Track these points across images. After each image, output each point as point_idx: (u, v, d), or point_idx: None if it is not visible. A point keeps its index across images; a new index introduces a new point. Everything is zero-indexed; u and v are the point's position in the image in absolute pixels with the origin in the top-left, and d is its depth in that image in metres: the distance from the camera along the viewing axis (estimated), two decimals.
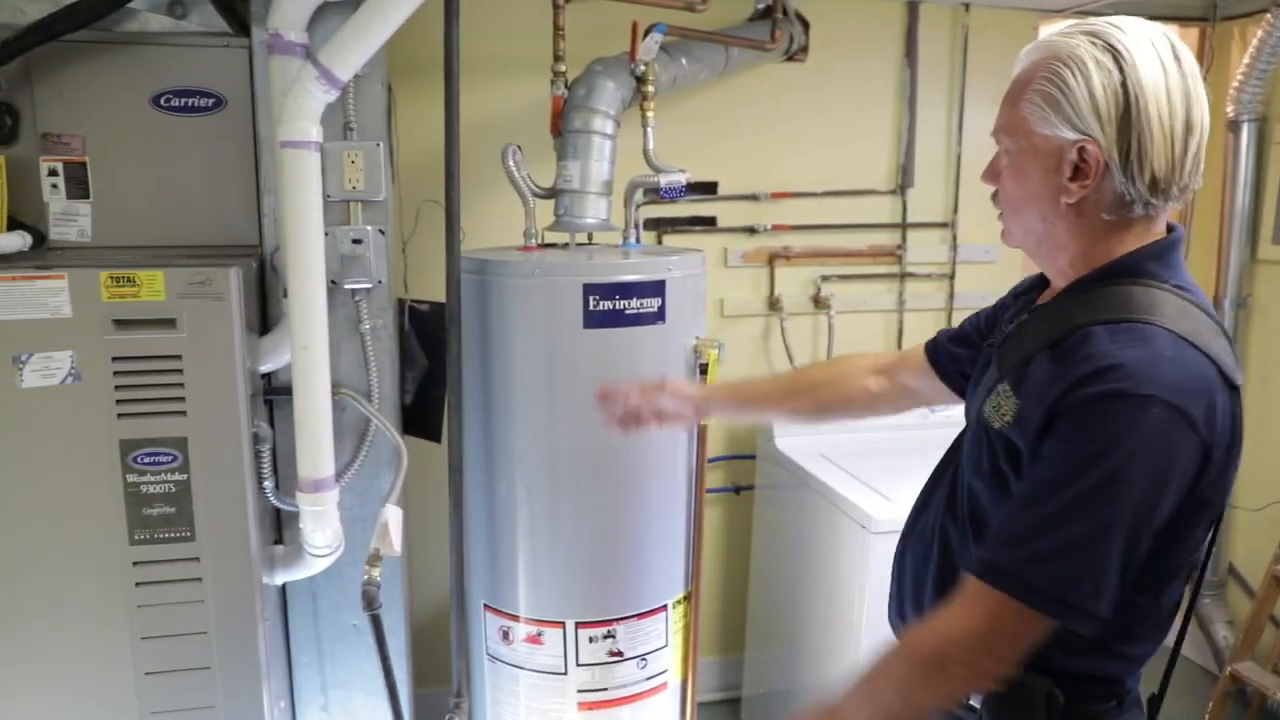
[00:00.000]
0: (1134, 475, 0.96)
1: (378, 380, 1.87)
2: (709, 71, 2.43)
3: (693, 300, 1.98)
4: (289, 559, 1.83)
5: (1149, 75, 1.03)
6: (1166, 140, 1.04)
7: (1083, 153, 1.03)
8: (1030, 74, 1.08)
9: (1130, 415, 0.96)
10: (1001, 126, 1.13)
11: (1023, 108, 1.08)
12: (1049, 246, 1.13)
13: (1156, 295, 1.04)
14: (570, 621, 1.95)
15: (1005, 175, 1.13)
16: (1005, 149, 1.13)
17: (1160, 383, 0.96)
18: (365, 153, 1.76)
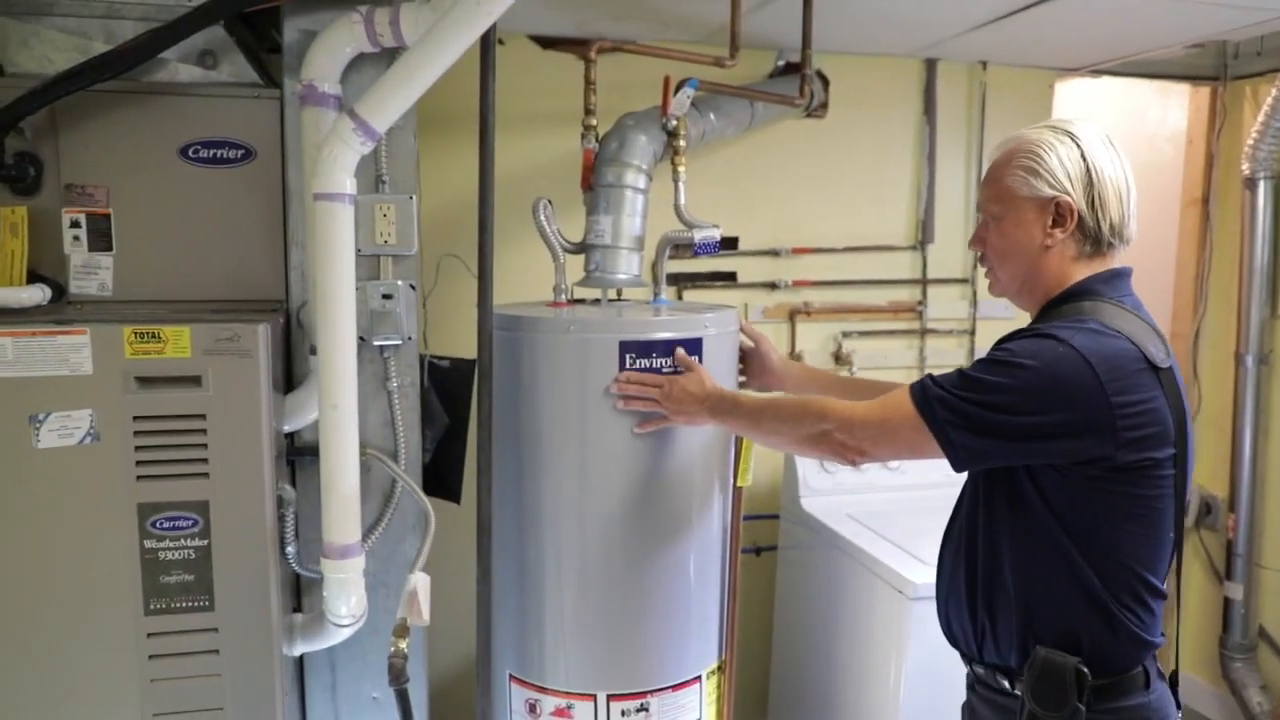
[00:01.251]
0: (1031, 378, 1.27)
1: (404, 440, 1.80)
2: (735, 127, 2.42)
3: (728, 357, 1.93)
4: (309, 629, 1.74)
5: (1099, 151, 1.38)
6: (1117, 195, 1.38)
7: (1058, 206, 1.38)
8: (1008, 157, 1.43)
9: (1040, 344, 1.29)
10: (988, 198, 1.46)
11: (1007, 180, 1.42)
12: (1030, 284, 1.44)
13: (1101, 305, 1.36)
14: (602, 694, 1.86)
15: (994, 236, 1.46)
16: (993, 215, 1.46)
17: (1073, 339, 1.28)
18: (398, 206, 1.72)
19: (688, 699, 1.92)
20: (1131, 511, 1.32)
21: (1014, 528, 1.38)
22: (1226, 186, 3.22)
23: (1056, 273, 1.41)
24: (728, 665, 2.00)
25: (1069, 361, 1.26)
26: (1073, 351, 1.26)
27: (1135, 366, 1.28)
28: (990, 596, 1.42)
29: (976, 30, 2.55)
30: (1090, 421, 1.26)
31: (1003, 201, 1.43)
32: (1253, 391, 3.11)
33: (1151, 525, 1.34)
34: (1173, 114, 3.44)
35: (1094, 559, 1.33)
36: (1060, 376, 1.26)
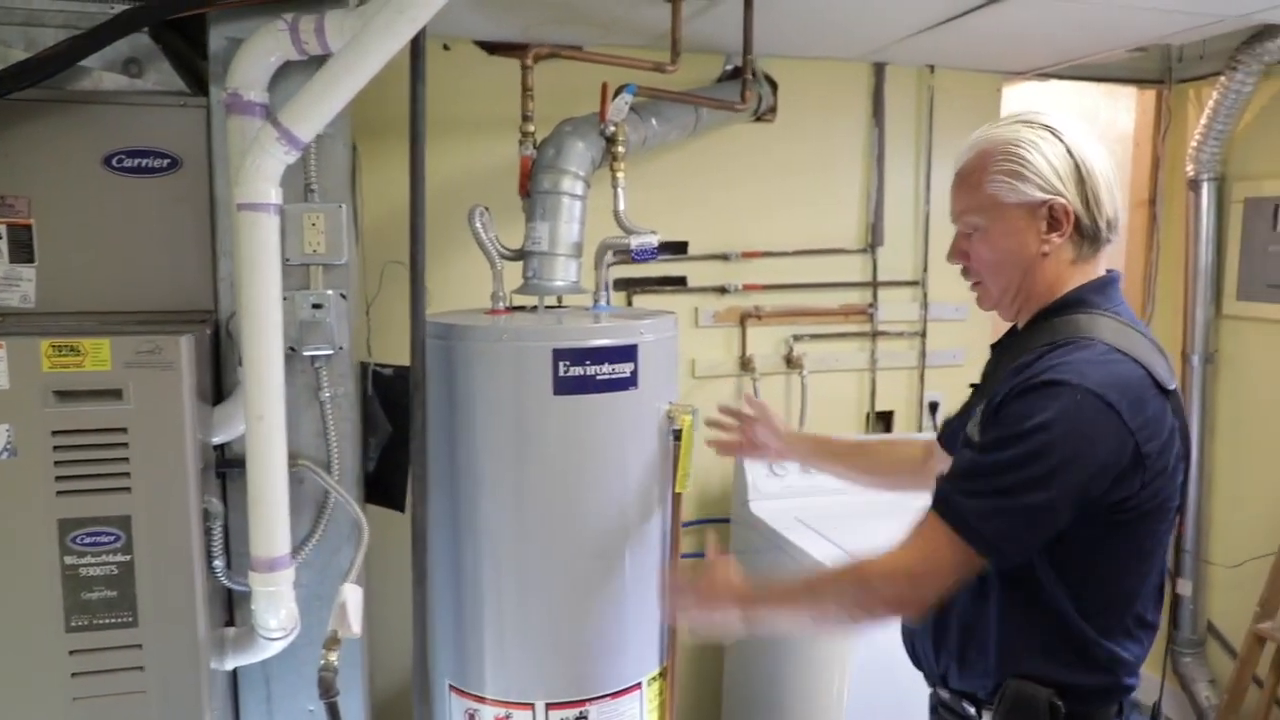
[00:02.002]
0: (1056, 442, 1.15)
1: (338, 451, 1.79)
2: (679, 132, 2.42)
3: (666, 364, 1.93)
4: (241, 643, 1.72)
5: (1083, 142, 1.28)
6: (1109, 188, 1.29)
7: (1052, 209, 1.27)
8: (982, 162, 1.31)
9: (1054, 397, 1.17)
10: (967, 209, 1.34)
11: (988, 188, 1.30)
12: (1024, 295, 1.33)
13: (1098, 320, 1.26)
14: (540, 703, 1.85)
15: (980, 248, 1.34)
16: (974, 226, 1.34)
17: (1086, 377, 1.17)
18: (327, 215, 1.70)
19: (628, 706, 1.92)
20: (1138, 548, 1.26)
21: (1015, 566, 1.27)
22: (1172, 188, 3.27)
23: (1051, 280, 1.30)
24: (669, 671, 2.00)
25: (1089, 408, 1.15)
26: (1089, 396, 1.15)
27: (1150, 394, 1.20)
28: (965, 629, 1.34)
29: (922, 34, 2.56)
30: (1120, 465, 1.17)
31: (986, 211, 1.31)
32: (1199, 391, 3.15)
33: (1151, 557, 1.28)
34: (1121, 117, 3.48)
35: (1086, 596, 1.25)
36: (1083, 432, 1.15)
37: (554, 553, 1.84)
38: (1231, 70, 2.87)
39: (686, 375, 2.87)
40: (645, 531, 1.92)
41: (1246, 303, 3.04)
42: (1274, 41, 2.76)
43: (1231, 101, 2.92)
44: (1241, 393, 3.09)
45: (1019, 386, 1.20)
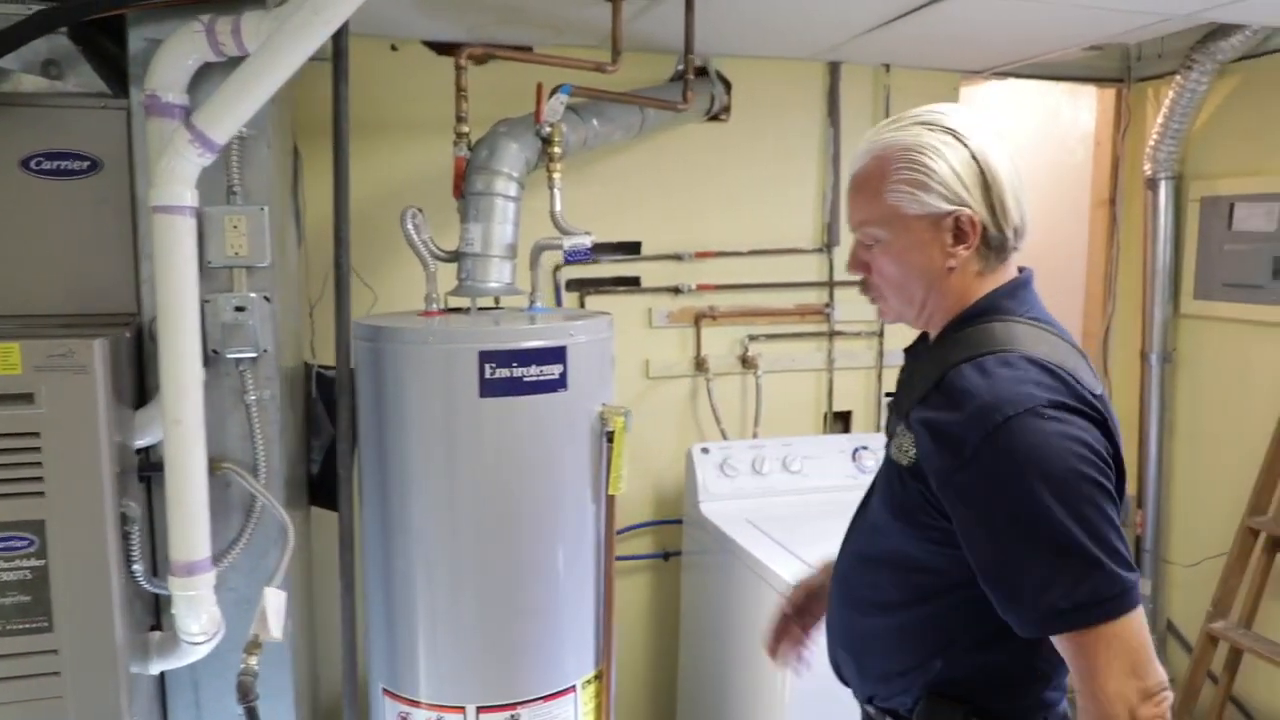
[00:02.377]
0: (1034, 485, 1.06)
1: (264, 454, 1.78)
2: (623, 132, 2.41)
3: (599, 365, 1.92)
4: (165, 647, 1.72)
5: (986, 145, 1.21)
6: (1014, 194, 1.22)
7: (959, 221, 1.19)
8: (881, 168, 1.21)
9: (1031, 430, 1.07)
10: (867, 220, 1.25)
11: (889, 198, 1.21)
12: (930, 309, 1.26)
13: (1014, 328, 1.19)
14: (471, 706, 1.85)
15: (881, 261, 1.26)
16: (875, 238, 1.25)
17: (1034, 397, 1.09)
18: (249, 217, 1.69)
19: (561, 709, 1.91)
20: None
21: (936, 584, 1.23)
22: (1132, 188, 3.26)
23: (959, 292, 1.23)
24: (605, 674, 1.99)
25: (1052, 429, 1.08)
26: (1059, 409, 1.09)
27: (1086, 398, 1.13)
28: (890, 649, 1.30)
29: (874, 32, 2.55)
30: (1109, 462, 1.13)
31: (888, 222, 1.22)
32: (1157, 390, 3.15)
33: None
34: (1083, 115, 3.48)
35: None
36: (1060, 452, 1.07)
37: (485, 555, 1.84)
38: (1187, 69, 2.87)
39: (641, 376, 2.86)
40: (579, 533, 1.92)
41: (1204, 301, 3.04)
42: (1228, 40, 2.76)
43: (1187, 100, 2.92)
44: (1199, 392, 3.09)
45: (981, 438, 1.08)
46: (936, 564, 1.21)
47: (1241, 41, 2.74)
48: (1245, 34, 2.72)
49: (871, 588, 1.31)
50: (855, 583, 1.35)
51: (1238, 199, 2.90)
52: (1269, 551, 2.72)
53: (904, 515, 1.23)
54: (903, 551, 1.25)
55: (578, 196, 2.72)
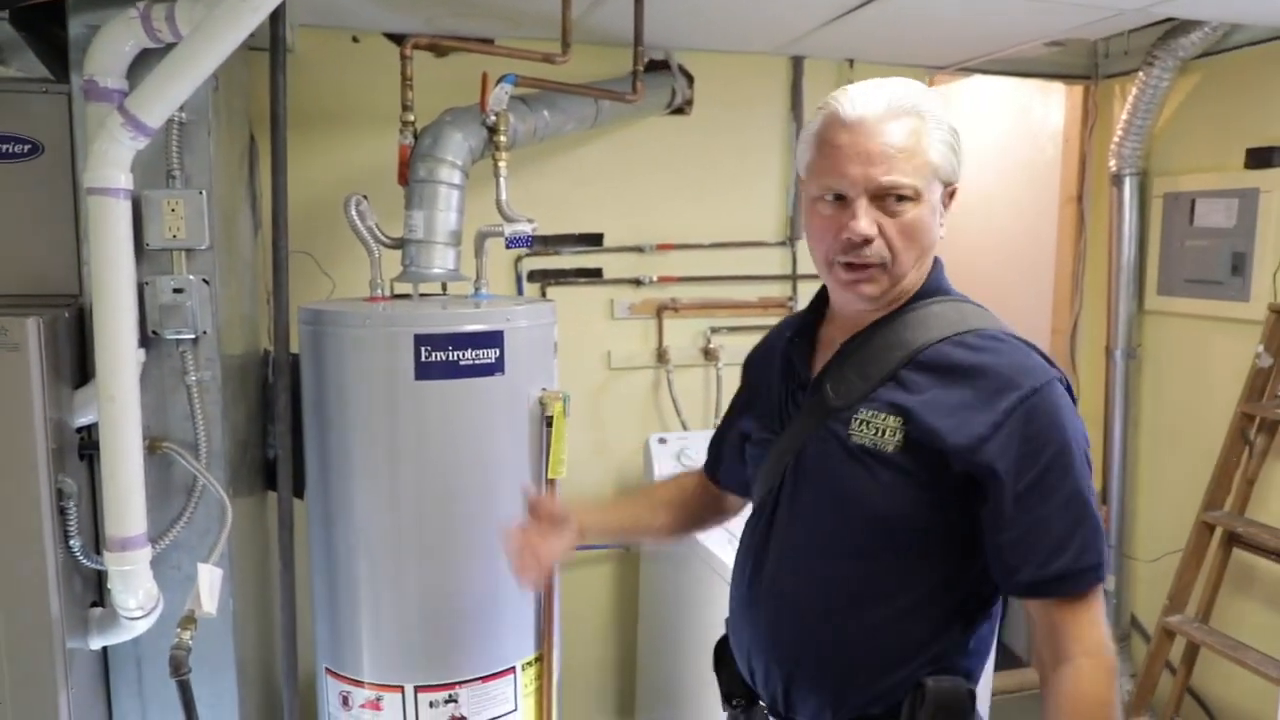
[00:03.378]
0: (1078, 442, 1.14)
1: (205, 434, 1.81)
2: (576, 123, 2.43)
3: (540, 351, 1.95)
4: (105, 623, 1.75)
5: None
6: None
7: (954, 193, 1.23)
8: (923, 126, 1.16)
9: (1049, 402, 1.13)
10: (908, 171, 1.15)
11: (931, 155, 1.16)
12: (907, 278, 1.22)
13: (964, 308, 1.23)
14: (410, 685, 1.87)
15: (906, 220, 1.17)
16: (909, 193, 1.16)
17: (1043, 370, 1.15)
18: (187, 200, 1.72)
19: (500, 690, 1.94)
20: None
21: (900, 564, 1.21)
22: (1098, 184, 3.27)
23: (922, 267, 1.23)
24: (546, 656, 2.02)
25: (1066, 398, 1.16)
26: (1061, 386, 1.16)
27: None
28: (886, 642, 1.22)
29: (832, 25, 2.57)
30: None
31: (924, 177, 1.16)
32: (1122, 386, 3.16)
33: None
34: (1053, 113, 3.49)
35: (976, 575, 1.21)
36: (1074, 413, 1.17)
37: (425, 538, 1.86)
38: (1149, 65, 2.88)
39: (603, 367, 2.89)
40: (517, 516, 1.93)
41: (1167, 298, 3.05)
42: (1187, 37, 2.77)
43: (1150, 97, 2.93)
44: (1162, 387, 3.10)
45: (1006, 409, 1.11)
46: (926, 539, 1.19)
47: (1201, 38, 2.75)
48: (1205, 30, 2.73)
49: (860, 581, 1.23)
50: (825, 586, 1.25)
51: (1199, 195, 2.91)
52: (1225, 546, 2.73)
53: (905, 496, 1.17)
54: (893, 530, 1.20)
55: (539, 187, 2.75)
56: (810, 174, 1.21)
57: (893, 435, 1.16)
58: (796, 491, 1.27)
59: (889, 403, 1.17)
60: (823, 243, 1.20)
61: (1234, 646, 2.57)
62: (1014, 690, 3.55)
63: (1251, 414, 2.67)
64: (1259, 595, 2.74)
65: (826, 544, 1.24)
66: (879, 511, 1.19)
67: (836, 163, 1.16)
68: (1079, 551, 1.12)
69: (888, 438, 1.16)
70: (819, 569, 1.25)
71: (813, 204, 1.21)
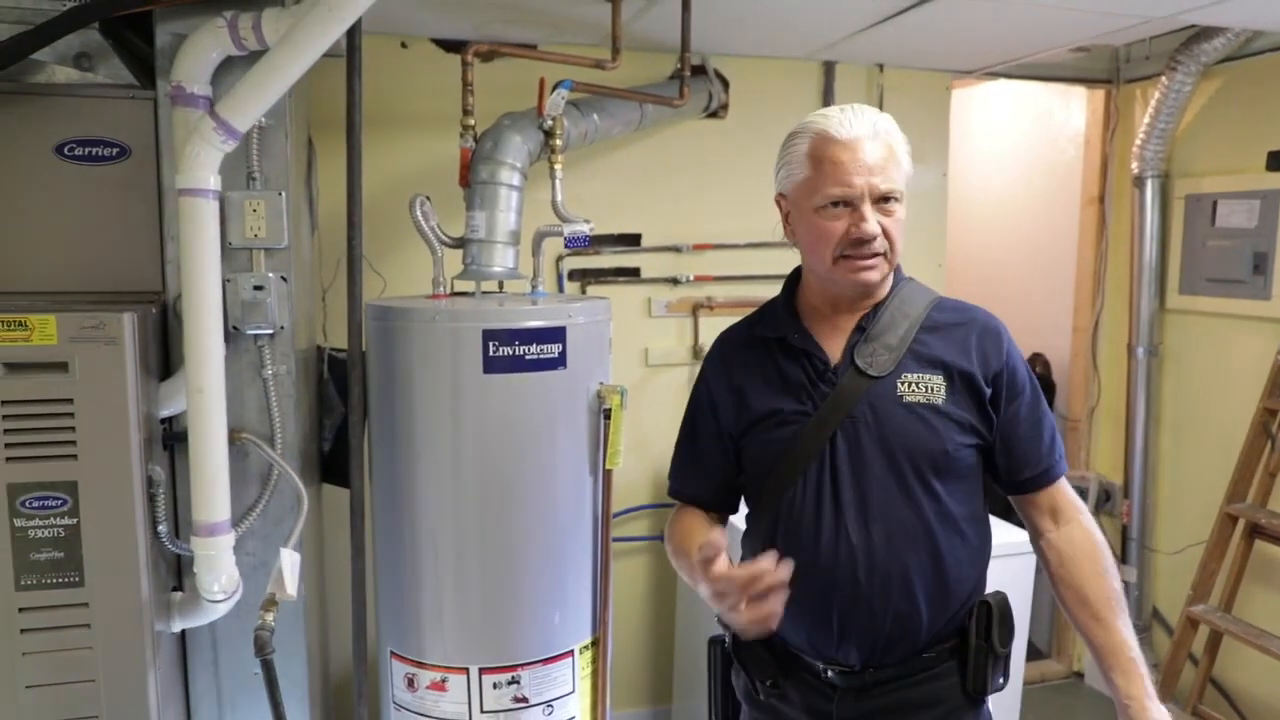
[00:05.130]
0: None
1: (280, 425, 1.88)
2: (623, 127, 2.51)
3: (597, 346, 2.02)
4: (186, 606, 1.82)
5: None
6: None
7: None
8: (896, 139, 1.42)
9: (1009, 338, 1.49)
10: (896, 178, 1.40)
11: (903, 160, 1.42)
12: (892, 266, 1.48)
13: (919, 284, 1.54)
14: (474, 667, 1.95)
15: (898, 218, 1.41)
16: (897, 196, 1.40)
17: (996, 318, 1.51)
18: (267, 201, 1.80)
19: (560, 672, 2.01)
20: None
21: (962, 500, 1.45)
22: (1120, 186, 3.35)
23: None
24: (602, 641, 2.09)
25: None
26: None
27: None
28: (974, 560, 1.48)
29: (866, 31, 2.65)
30: None
31: (904, 183, 1.42)
32: (1144, 382, 3.23)
33: None
34: (1074, 116, 3.57)
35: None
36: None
37: (488, 525, 1.94)
38: (1172, 70, 2.97)
39: (640, 364, 2.97)
40: (577, 505, 2.02)
41: (1189, 296, 3.13)
42: (1210, 42, 2.85)
43: (1172, 101, 3.01)
44: (1184, 384, 3.18)
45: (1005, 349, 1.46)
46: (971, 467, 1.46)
47: (1224, 44, 2.84)
48: (1227, 36, 2.82)
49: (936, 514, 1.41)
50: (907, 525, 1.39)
51: (1220, 196, 2.99)
52: (1247, 537, 2.80)
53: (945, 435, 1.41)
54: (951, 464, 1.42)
55: (581, 189, 2.83)
56: (808, 188, 1.40)
57: (939, 390, 1.42)
58: (856, 451, 1.41)
59: (927, 361, 1.43)
60: (829, 243, 1.39)
61: (1258, 635, 2.64)
62: (1037, 681, 3.63)
63: (1274, 409, 2.75)
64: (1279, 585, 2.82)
65: (900, 488, 1.41)
66: (939, 449, 1.41)
67: (841, 175, 1.36)
68: (1056, 445, 1.49)
69: (935, 392, 1.42)
70: (899, 510, 1.41)
71: (815, 213, 1.40)
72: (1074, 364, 3.58)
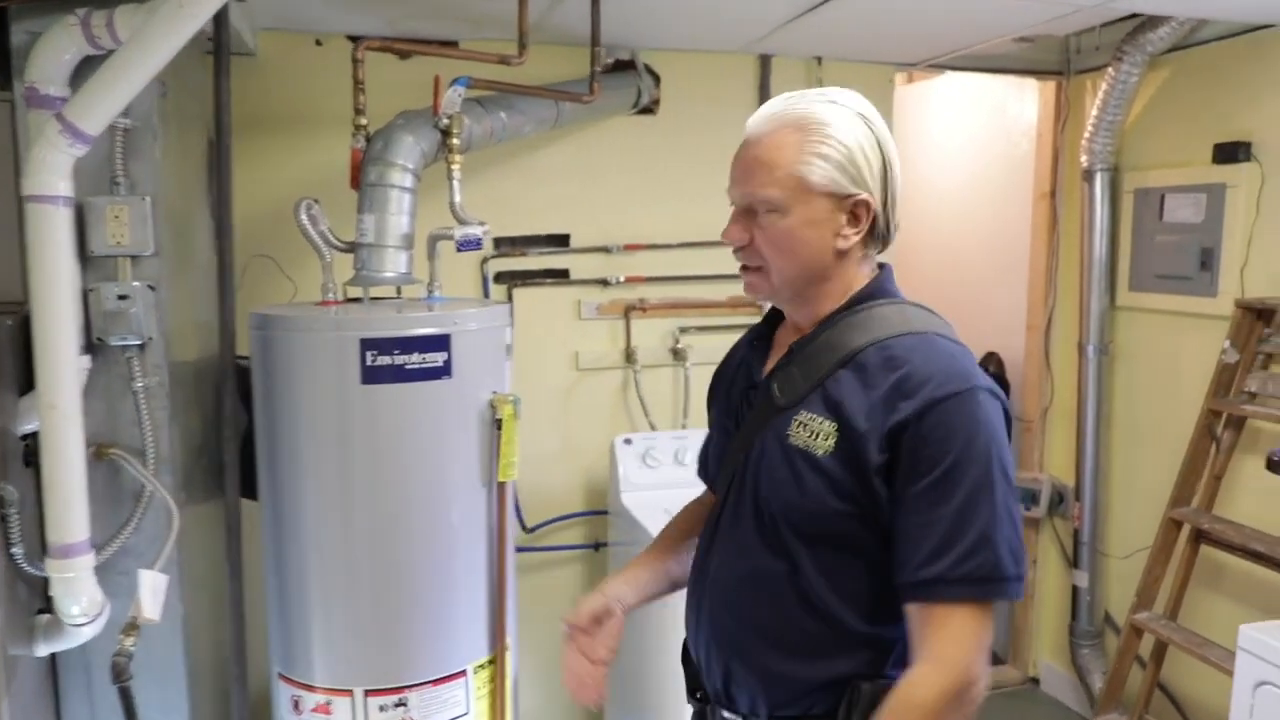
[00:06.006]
0: (993, 453, 1.11)
1: (153, 440, 1.81)
2: (535, 125, 2.43)
3: (491, 354, 1.95)
4: (51, 630, 1.75)
5: (887, 135, 1.21)
6: (899, 188, 1.23)
7: (857, 205, 1.18)
8: (794, 138, 1.18)
9: (968, 408, 1.11)
10: (768, 182, 1.19)
11: (799, 168, 1.17)
12: (815, 288, 1.23)
13: (908, 310, 1.22)
14: (360, 689, 1.87)
15: (772, 230, 1.21)
16: (772, 205, 1.20)
17: (970, 376, 1.14)
18: (131, 207, 1.72)
19: (452, 693, 1.94)
20: None
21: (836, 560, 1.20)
22: (1071, 179, 3.26)
23: (847, 277, 1.23)
24: (500, 659, 2.02)
25: (993, 407, 1.14)
26: (987, 394, 1.14)
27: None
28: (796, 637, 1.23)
29: (798, 22, 2.55)
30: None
31: (791, 190, 1.17)
32: (1094, 382, 3.15)
33: None
34: (1028, 109, 3.48)
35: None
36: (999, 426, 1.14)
37: (375, 540, 1.86)
38: (1118, 60, 2.87)
39: (570, 368, 2.89)
40: (471, 519, 1.94)
41: (1138, 293, 3.04)
42: (1155, 31, 2.76)
43: (1119, 92, 2.92)
44: (1135, 383, 3.09)
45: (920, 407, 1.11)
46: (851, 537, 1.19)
47: (1169, 32, 2.74)
48: (1172, 25, 2.72)
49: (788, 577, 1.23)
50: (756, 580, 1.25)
51: (1168, 190, 2.90)
52: (1193, 543, 2.72)
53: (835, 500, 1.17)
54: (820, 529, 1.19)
55: (506, 189, 2.75)
56: None
57: (826, 439, 1.17)
58: (742, 487, 1.27)
59: (824, 402, 1.18)
60: None
61: (1200, 644, 2.56)
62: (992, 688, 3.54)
63: (1218, 410, 2.66)
64: (1229, 592, 2.73)
65: (757, 539, 1.24)
66: (802, 507, 1.19)
67: (731, 176, 1.26)
68: (958, 560, 1.09)
69: (820, 440, 1.17)
70: (751, 562, 1.25)
71: None
72: (1028, 363, 3.50)
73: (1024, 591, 1.12)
